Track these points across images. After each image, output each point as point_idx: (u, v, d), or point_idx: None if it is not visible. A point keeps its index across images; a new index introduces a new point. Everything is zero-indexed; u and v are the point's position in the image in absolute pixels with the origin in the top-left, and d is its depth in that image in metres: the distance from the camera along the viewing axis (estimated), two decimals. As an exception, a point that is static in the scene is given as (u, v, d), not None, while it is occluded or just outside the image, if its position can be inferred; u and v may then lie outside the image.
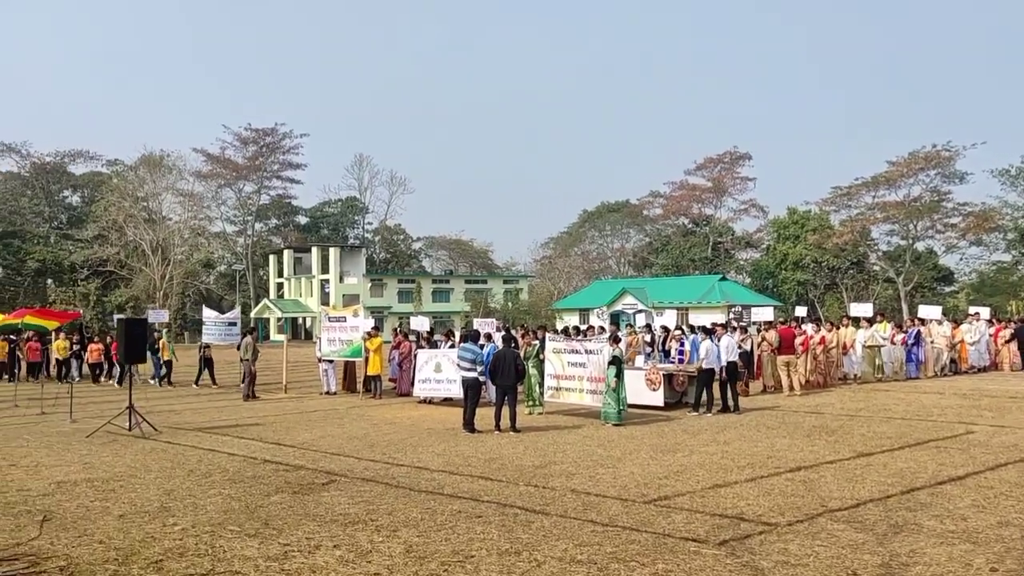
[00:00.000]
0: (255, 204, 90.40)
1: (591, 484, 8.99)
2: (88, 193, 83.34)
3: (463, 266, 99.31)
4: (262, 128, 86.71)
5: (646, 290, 60.85)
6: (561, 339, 16.91)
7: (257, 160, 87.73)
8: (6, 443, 12.49)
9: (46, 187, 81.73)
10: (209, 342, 24.01)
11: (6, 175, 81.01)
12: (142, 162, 75.79)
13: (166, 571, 5.87)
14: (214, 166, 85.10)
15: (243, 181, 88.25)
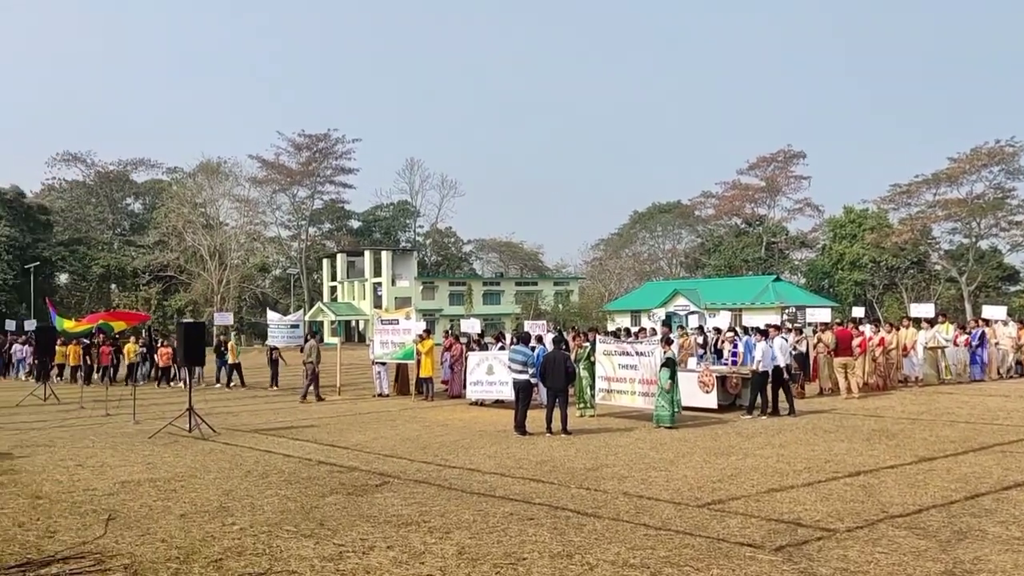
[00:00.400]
0: (309, 209, 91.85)
1: (643, 487, 8.92)
2: (149, 200, 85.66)
3: (513, 268, 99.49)
4: (315, 134, 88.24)
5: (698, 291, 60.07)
6: (612, 341, 16.81)
7: (311, 165, 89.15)
8: (73, 443, 12.89)
9: (110, 195, 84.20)
10: (275, 345, 24.32)
11: (72, 184, 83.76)
12: (200, 169, 77.72)
13: (225, 570, 5.99)
14: (269, 172, 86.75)
15: (297, 186, 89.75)
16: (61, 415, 17.34)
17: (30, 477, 9.83)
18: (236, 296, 73.53)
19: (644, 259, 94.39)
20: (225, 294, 71.68)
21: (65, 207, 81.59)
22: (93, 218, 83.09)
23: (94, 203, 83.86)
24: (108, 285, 75.34)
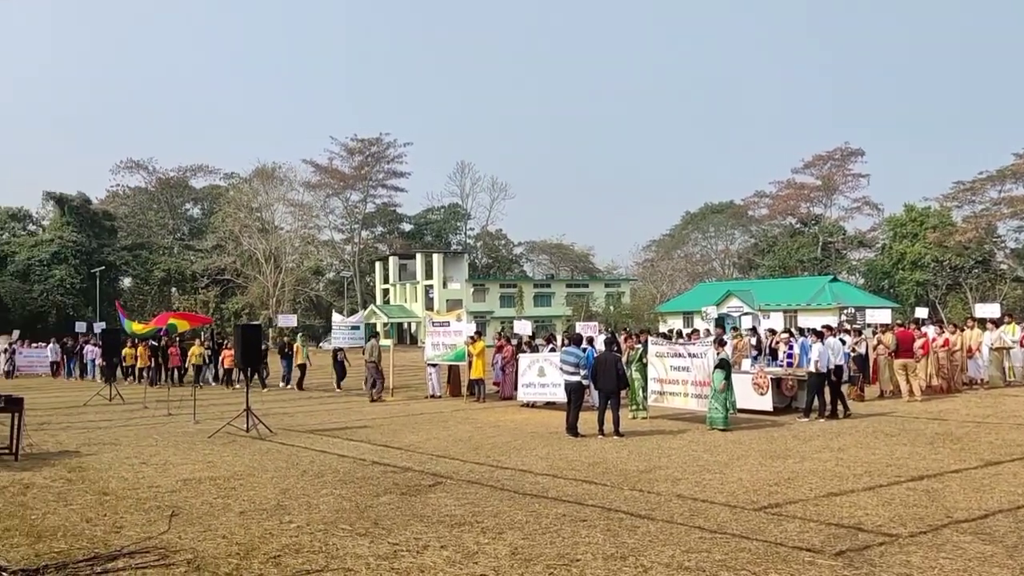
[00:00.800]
0: (361, 212, 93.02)
1: (697, 490, 8.83)
2: (207, 205, 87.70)
3: (564, 270, 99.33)
4: (367, 138, 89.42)
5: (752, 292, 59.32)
6: (664, 343, 16.68)
7: (363, 170, 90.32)
8: (138, 442, 13.25)
9: (170, 200, 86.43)
10: (340, 346, 24.54)
11: (135, 190, 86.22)
12: (256, 174, 79.36)
13: (284, 566, 6.10)
14: (322, 176, 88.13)
15: (350, 190, 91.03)
16: (126, 415, 17.84)
17: (97, 474, 10.12)
18: (291, 299, 74.78)
19: (696, 260, 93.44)
20: (280, 297, 72.97)
21: (128, 213, 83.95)
22: (154, 223, 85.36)
23: (155, 209, 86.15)
24: (169, 288, 77.29)
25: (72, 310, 64.33)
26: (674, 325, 48.07)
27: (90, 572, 5.79)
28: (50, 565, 5.89)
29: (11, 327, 42.58)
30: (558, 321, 71.83)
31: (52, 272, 65.93)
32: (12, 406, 11.48)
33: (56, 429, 15.02)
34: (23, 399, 11.95)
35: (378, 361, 20.50)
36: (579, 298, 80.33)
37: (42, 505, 8.27)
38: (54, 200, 71.53)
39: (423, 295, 78.92)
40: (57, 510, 8.04)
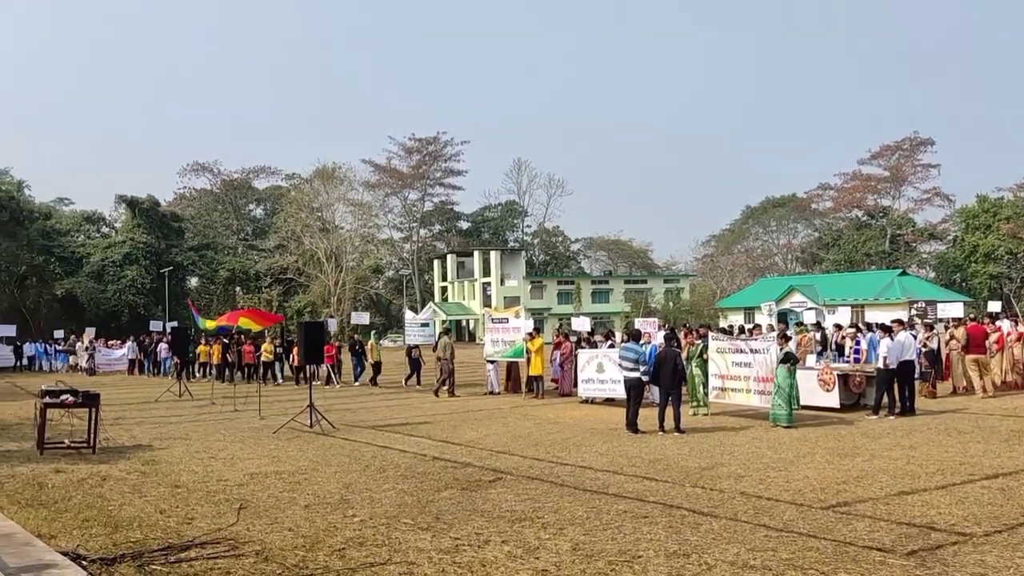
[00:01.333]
0: (419, 211, 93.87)
1: (762, 487, 8.69)
2: (270, 206, 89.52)
3: (622, 266, 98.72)
4: (425, 137, 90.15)
5: (816, 287, 58.19)
6: (724, 338, 16.45)
7: (421, 168, 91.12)
8: (206, 437, 13.61)
9: (234, 202, 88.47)
10: (414, 343, 24.64)
11: (200, 192, 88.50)
12: (316, 175, 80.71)
13: (348, 559, 6.19)
14: (381, 176, 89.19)
15: (408, 189, 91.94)
16: (195, 410, 18.34)
17: (169, 467, 10.43)
18: (352, 297, 75.88)
19: (757, 255, 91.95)
20: (341, 295, 74.11)
21: (195, 214, 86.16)
22: (219, 224, 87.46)
23: (220, 210, 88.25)
24: (233, 288, 79.08)
25: (143, 309, 66.28)
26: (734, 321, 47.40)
27: (164, 562, 5.97)
28: (127, 554, 6.09)
29: (87, 326, 44.07)
30: (616, 318, 71.38)
31: (124, 272, 68.03)
32: (89, 402, 11.90)
33: (130, 424, 15.51)
34: (99, 395, 12.37)
35: (450, 358, 20.75)
36: (637, 294, 79.72)
37: (118, 496, 8.55)
38: (125, 203, 73.77)
39: (481, 292, 79.28)
40: (132, 501, 8.31)
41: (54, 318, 57.71)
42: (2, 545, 5.35)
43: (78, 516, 7.44)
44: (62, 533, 6.68)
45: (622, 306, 77.98)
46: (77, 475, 9.77)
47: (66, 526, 6.97)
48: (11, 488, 8.81)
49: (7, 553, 5.15)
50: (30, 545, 5.43)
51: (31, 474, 9.80)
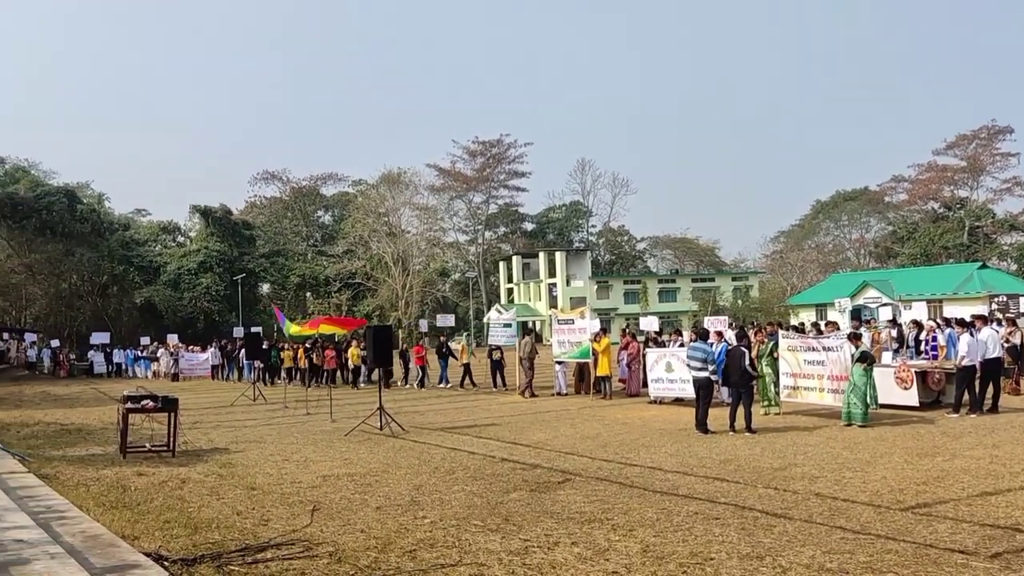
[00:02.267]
0: (484, 214, 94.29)
1: (837, 488, 8.47)
2: (337, 212, 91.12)
3: (689, 265, 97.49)
4: (488, 140, 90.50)
5: (891, 282, 56.43)
6: (796, 336, 16.10)
7: (485, 171, 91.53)
8: (280, 440, 13.93)
9: (303, 209, 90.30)
10: (498, 344, 24.52)
11: (271, 200, 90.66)
12: (382, 180, 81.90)
13: (419, 560, 6.26)
14: (446, 180, 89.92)
15: (473, 192, 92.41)
16: (268, 414, 18.78)
17: (244, 470, 10.70)
18: (419, 300, 76.69)
19: (828, 250, 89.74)
20: (409, 298, 74.98)
21: (265, 222, 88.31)
22: (289, 231, 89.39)
23: (290, 217, 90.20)
24: (304, 293, 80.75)
25: (218, 315, 68.23)
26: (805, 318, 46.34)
27: (242, 562, 6.12)
28: (206, 555, 6.27)
29: (165, 333, 45.55)
30: (684, 316, 70.57)
31: (199, 280, 70.15)
32: (168, 407, 12.29)
33: (207, 428, 15.97)
34: (178, 400, 12.77)
35: (531, 358, 20.87)
36: (705, 293, 78.61)
37: (197, 499, 8.81)
38: (199, 212, 76.11)
39: (547, 293, 79.25)
40: (211, 503, 8.55)
41: (134, 325, 59.81)
42: (89, 546, 5.56)
43: (159, 518, 7.69)
44: (144, 534, 6.91)
45: (689, 305, 77.01)
46: (158, 478, 10.09)
47: (148, 527, 7.21)
48: (96, 491, 9.15)
49: (94, 554, 5.35)
50: (115, 546, 5.64)
51: (115, 477, 10.17)
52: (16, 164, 74.38)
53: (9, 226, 64.17)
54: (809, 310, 60.50)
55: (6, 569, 4.35)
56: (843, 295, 46.57)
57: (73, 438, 14.48)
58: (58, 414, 19.38)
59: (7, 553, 4.69)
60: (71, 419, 17.96)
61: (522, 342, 21.77)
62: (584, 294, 75.97)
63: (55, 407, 21.74)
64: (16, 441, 13.28)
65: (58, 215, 64.25)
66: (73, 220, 65.44)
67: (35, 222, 63.49)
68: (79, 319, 67.32)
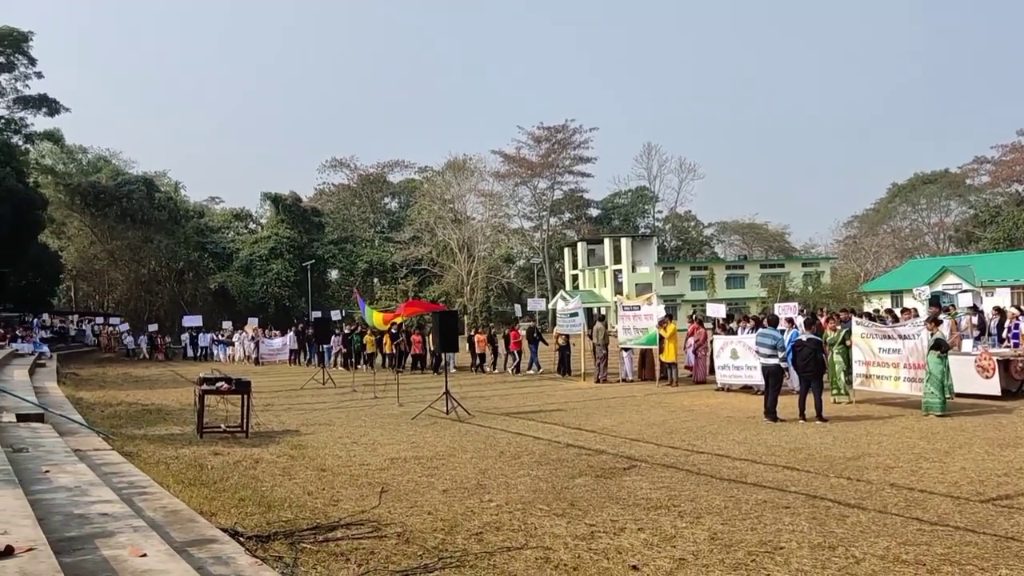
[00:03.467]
0: (549, 200, 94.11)
1: (914, 479, 8.23)
2: (404, 199, 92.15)
3: (758, 250, 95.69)
4: (553, 125, 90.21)
5: (972, 268, 54.40)
6: (869, 323, 15.66)
7: (550, 157, 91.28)
8: (349, 423, 14.20)
9: (370, 195, 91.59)
10: (566, 332, 24.47)
11: (339, 187, 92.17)
12: (448, 167, 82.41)
13: (486, 543, 6.31)
14: (511, 166, 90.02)
15: (537, 178, 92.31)
16: (337, 397, 19.16)
17: (315, 452, 10.94)
18: (484, 286, 77.11)
19: (905, 235, 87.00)
20: (474, 285, 75.46)
21: (334, 209, 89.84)
22: (357, 218, 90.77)
23: (358, 204, 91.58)
24: (371, 279, 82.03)
25: (288, 301, 69.86)
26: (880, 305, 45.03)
27: (313, 540, 6.27)
28: (279, 532, 6.44)
29: (237, 317, 46.75)
30: (752, 303, 69.31)
31: (270, 266, 71.86)
32: (242, 389, 12.64)
33: (279, 410, 16.38)
34: (250, 382, 13.11)
35: (603, 344, 20.86)
36: (774, 279, 77.01)
37: (270, 478, 9.05)
38: (270, 200, 77.89)
39: (612, 280, 78.74)
40: (283, 483, 8.77)
41: (208, 310, 61.68)
42: (169, 521, 5.77)
43: (234, 496, 7.92)
44: (221, 511, 7.13)
45: (758, 291, 75.61)
46: (233, 457, 10.40)
47: (224, 505, 7.43)
48: (176, 468, 9.48)
49: (174, 528, 5.55)
50: (193, 521, 5.84)
51: (193, 456, 10.51)
52: (98, 154, 77.29)
53: (92, 214, 66.86)
54: (884, 297, 58.82)
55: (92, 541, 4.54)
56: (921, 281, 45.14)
57: (153, 418, 15.02)
58: (139, 395, 20.12)
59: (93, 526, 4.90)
60: (151, 400, 18.63)
61: (594, 329, 21.73)
62: (650, 280, 75.25)
63: (136, 388, 22.58)
64: (101, 420, 13.84)
65: (137, 203, 66.61)
66: (151, 208, 67.75)
67: (116, 210, 65.98)
68: (157, 303, 69.81)
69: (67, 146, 69.60)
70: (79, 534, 4.69)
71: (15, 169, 47.28)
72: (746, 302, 70.40)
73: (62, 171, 69.45)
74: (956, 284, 48.37)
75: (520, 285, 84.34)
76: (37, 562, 3.36)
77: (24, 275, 47.62)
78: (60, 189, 64.62)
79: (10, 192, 41.91)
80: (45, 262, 53.62)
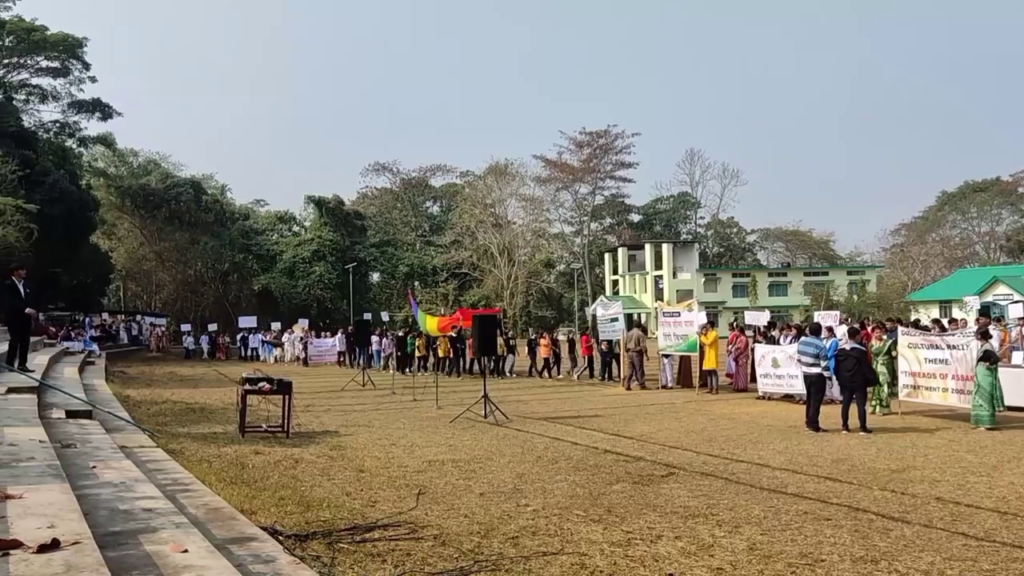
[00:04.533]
0: (590, 205, 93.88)
1: (960, 493, 8.05)
2: (445, 203, 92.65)
3: (801, 258, 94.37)
4: (595, 131, 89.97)
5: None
6: (917, 333, 15.34)
7: (591, 162, 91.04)
8: (388, 424, 14.29)
9: (412, 199, 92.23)
10: (607, 338, 24.33)
11: (381, 191, 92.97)
12: (489, 171, 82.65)
13: (521, 547, 6.31)
14: (552, 171, 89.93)
15: (579, 183, 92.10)
16: (377, 399, 19.30)
17: (354, 453, 11.03)
18: (524, 291, 77.14)
19: (955, 244, 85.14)
20: (514, 289, 75.55)
21: (376, 212, 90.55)
22: (399, 221, 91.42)
23: (399, 208, 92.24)
24: (412, 282, 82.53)
25: (330, 303, 70.53)
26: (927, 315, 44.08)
27: (351, 540, 6.32)
28: (317, 532, 6.50)
29: (280, 319, 47.29)
30: (795, 311, 68.39)
31: (313, 268, 72.67)
32: (283, 389, 12.80)
33: (319, 411, 16.54)
34: (292, 383, 13.27)
35: (643, 350, 20.75)
36: (818, 287, 75.90)
37: (310, 479, 9.14)
38: (314, 203, 78.77)
39: (652, 285, 78.30)
40: (322, 483, 8.86)
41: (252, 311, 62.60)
42: (211, 518, 5.86)
43: (275, 495, 8.02)
44: (261, 510, 7.22)
45: (801, 299, 74.59)
46: (273, 457, 10.53)
47: (264, 503, 7.53)
48: (218, 467, 9.62)
49: (215, 525, 5.64)
50: (234, 519, 5.92)
51: (234, 455, 10.66)
52: (149, 157, 78.91)
53: (142, 216, 68.31)
54: (932, 306, 57.62)
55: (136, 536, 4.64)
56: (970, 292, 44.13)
57: (197, 416, 15.27)
58: (183, 394, 20.47)
59: (137, 521, 5.00)
60: (195, 399, 18.95)
61: (630, 335, 21.60)
62: (691, 287, 74.73)
63: (181, 387, 22.99)
64: (146, 418, 14.11)
65: (185, 205, 67.89)
66: (199, 210, 69.00)
67: (165, 212, 67.31)
68: (203, 304, 70.97)
69: (119, 149, 71.24)
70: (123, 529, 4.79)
71: (69, 172, 48.55)
72: (789, 310, 69.53)
73: (114, 174, 71.08)
74: (1007, 295, 47.24)
75: (560, 290, 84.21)
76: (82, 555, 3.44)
77: (76, 275, 48.78)
78: (111, 191, 66.12)
79: (64, 194, 42.99)
80: (96, 263, 54.87)
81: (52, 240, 38.51)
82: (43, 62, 53.98)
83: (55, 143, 53.91)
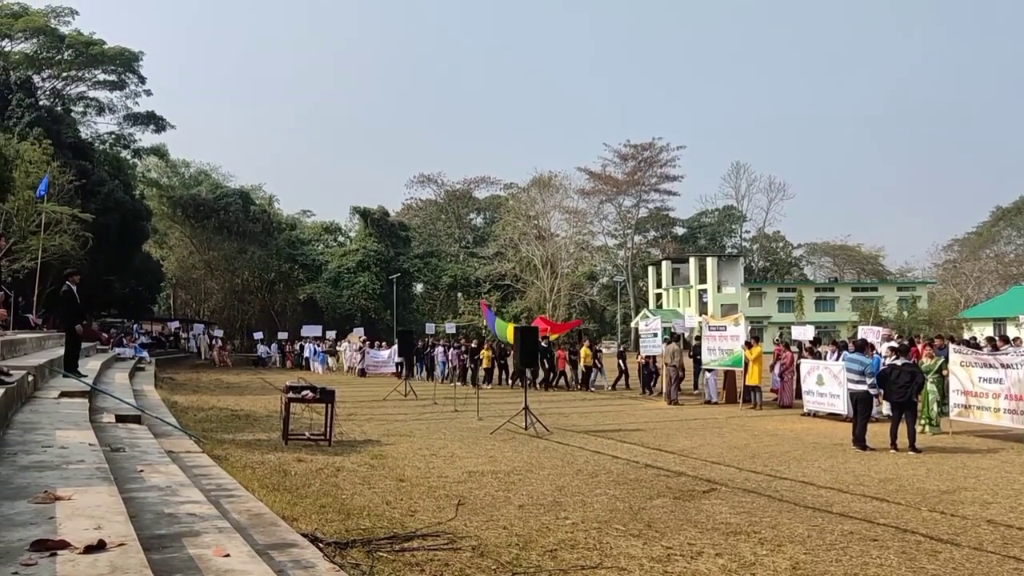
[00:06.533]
0: (634, 217, 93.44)
1: (1012, 515, 7.81)
2: (489, 215, 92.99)
3: (849, 273, 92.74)
4: (640, 143, 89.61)
5: (1084, 295, 51.43)
6: (969, 351, 14.96)
7: (636, 175, 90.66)
8: (428, 435, 14.35)
9: (456, 211, 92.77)
10: (650, 354, 24.24)
11: (426, 202, 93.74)
12: (533, 183, 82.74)
13: (560, 560, 6.28)
14: (596, 183, 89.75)
15: (623, 196, 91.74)
16: (418, 410, 19.39)
17: (395, 462, 11.10)
18: (566, 303, 76.94)
19: (1010, 260, 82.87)
20: (556, 301, 75.37)
21: (420, 224, 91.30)
22: (443, 233, 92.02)
23: (443, 219, 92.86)
24: (455, 294, 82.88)
25: (374, 313, 71.11)
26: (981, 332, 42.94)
27: (390, 549, 6.36)
28: (357, 540, 6.55)
29: (325, 328, 47.75)
30: (843, 327, 67.12)
31: (357, 279, 73.39)
32: (326, 398, 12.94)
33: (361, 420, 16.67)
34: (334, 392, 13.41)
35: (678, 365, 20.58)
36: (867, 303, 74.43)
37: (350, 487, 9.22)
38: (359, 214, 79.66)
39: (696, 299, 77.55)
40: (362, 492, 8.93)
41: (297, 321, 63.30)
42: (253, 523, 5.94)
43: (316, 502, 8.10)
44: (302, 516, 7.30)
45: (849, 315, 73.17)
46: (315, 465, 10.64)
47: (306, 510, 7.61)
48: (261, 473, 9.76)
49: (257, 531, 5.71)
50: (275, 525, 5.99)
51: (277, 461, 10.80)
52: (200, 168, 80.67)
53: (192, 225, 69.77)
54: (985, 324, 56.09)
55: (179, 539, 4.72)
56: (1025, 309, 42.86)
57: (241, 423, 15.50)
58: (229, 401, 20.81)
59: (181, 525, 5.08)
60: (240, 406, 19.24)
61: (668, 349, 21.42)
62: (736, 301, 73.85)
63: (227, 394, 23.37)
64: (193, 424, 14.36)
65: (234, 215, 69.12)
66: (247, 220, 70.18)
67: (214, 221, 68.63)
68: (249, 312, 72.16)
69: (171, 160, 73.00)
70: (167, 532, 4.88)
71: (123, 182, 49.78)
72: (836, 326, 68.26)
73: (166, 184, 72.84)
74: (1066, 313, 45.71)
75: (603, 302, 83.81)
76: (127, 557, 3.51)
77: (128, 282, 49.94)
78: (164, 201, 67.72)
79: (118, 204, 44.10)
80: (148, 271, 56.16)
81: (106, 248, 39.50)
82: (100, 75, 55.69)
83: (110, 154, 55.39)
